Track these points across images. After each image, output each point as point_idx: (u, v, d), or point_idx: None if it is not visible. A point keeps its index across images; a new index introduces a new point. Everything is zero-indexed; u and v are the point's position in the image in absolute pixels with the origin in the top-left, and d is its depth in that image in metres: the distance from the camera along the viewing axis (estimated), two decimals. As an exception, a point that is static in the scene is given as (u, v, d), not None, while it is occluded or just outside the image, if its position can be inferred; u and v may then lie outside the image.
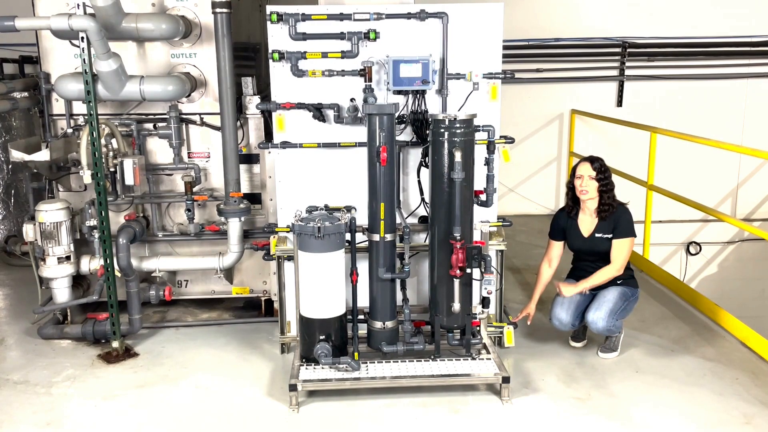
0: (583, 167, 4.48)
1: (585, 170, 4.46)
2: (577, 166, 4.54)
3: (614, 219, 4.48)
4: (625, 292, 4.53)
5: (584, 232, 4.56)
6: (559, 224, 4.71)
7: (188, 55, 4.99)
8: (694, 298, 5.54)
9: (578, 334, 4.77)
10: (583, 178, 4.46)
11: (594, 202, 4.50)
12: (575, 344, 4.74)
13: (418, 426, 3.81)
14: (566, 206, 4.70)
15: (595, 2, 8.46)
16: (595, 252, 4.54)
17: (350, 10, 4.30)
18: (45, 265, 4.81)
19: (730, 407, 3.97)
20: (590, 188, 4.44)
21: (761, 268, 8.71)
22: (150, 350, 4.77)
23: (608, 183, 4.47)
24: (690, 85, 8.56)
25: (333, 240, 4.05)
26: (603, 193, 4.46)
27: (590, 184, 4.44)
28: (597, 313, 4.41)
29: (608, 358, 4.56)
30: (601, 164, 4.48)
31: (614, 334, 4.56)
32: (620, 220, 4.47)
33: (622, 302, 4.49)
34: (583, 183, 4.45)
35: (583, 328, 4.78)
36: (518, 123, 8.23)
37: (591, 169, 4.44)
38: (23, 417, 3.94)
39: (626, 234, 4.47)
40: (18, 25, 4.20)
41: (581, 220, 4.58)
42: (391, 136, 4.11)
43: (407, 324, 4.28)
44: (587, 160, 4.50)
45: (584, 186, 4.44)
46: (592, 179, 4.43)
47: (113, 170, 4.73)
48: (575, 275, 4.68)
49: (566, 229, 4.65)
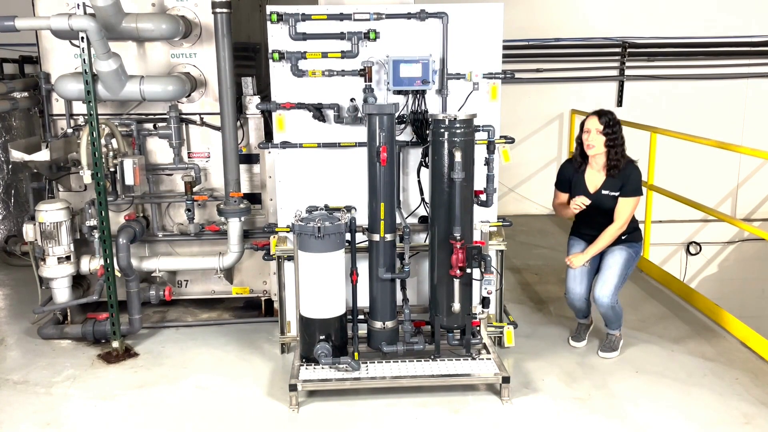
0: (591, 121, 4.34)
1: (593, 124, 4.32)
2: (585, 119, 4.40)
3: (622, 177, 4.34)
4: (629, 257, 4.45)
5: (590, 187, 4.45)
6: (565, 175, 4.59)
7: (188, 55, 4.99)
8: (694, 298, 5.54)
9: (578, 334, 4.77)
10: (590, 132, 4.32)
11: (602, 157, 4.36)
12: (575, 344, 4.74)
13: (418, 426, 3.81)
14: (573, 159, 4.56)
15: (596, 2, 8.46)
16: (600, 209, 4.41)
17: (350, 10, 4.30)
18: (45, 265, 4.81)
19: (730, 407, 3.97)
20: (597, 143, 4.30)
21: (761, 268, 8.71)
22: (150, 350, 4.77)
23: (617, 138, 4.31)
24: (690, 85, 8.56)
25: (333, 240, 4.05)
26: (611, 148, 4.31)
27: (597, 138, 4.30)
28: (603, 290, 4.39)
29: (609, 357, 4.56)
30: (610, 118, 4.31)
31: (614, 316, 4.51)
32: (629, 179, 4.34)
33: (626, 270, 4.45)
34: (590, 137, 4.32)
35: (585, 327, 4.78)
36: (518, 123, 8.23)
37: (599, 122, 4.29)
38: (23, 417, 3.94)
39: (633, 193, 4.35)
40: (18, 25, 4.20)
41: (588, 175, 4.46)
42: (391, 136, 4.11)
43: (407, 324, 4.28)
44: (596, 113, 4.35)
45: (591, 140, 4.31)
46: (600, 133, 4.29)
47: (113, 170, 4.72)
48: (579, 231, 4.61)
49: (572, 182, 4.53)
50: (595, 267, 4.57)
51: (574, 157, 4.57)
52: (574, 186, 4.53)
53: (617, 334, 4.64)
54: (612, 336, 4.63)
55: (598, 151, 4.35)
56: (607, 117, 4.33)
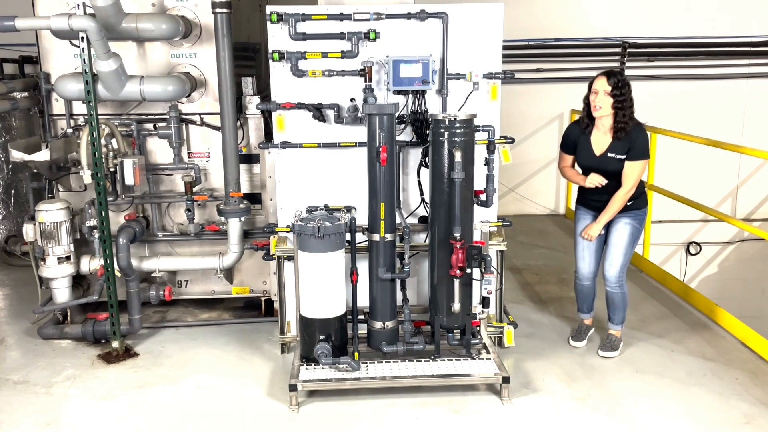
0: (599, 82, 4.23)
1: (600, 85, 4.21)
2: (593, 80, 4.29)
3: (629, 140, 4.24)
4: (633, 231, 4.41)
5: (596, 150, 4.36)
6: (570, 137, 4.51)
7: (188, 55, 4.99)
8: (694, 298, 5.54)
9: (579, 334, 4.77)
10: (597, 93, 4.22)
11: (609, 119, 4.27)
12: (575, 344, 4.74)
13: (418, 426, 3.81)
14: (580, 120, 4.46)
15: (595, 2, 8.46)
16: (606, 171, 4.32)
17: (350, 10, 4.30)
18: (45, 265, 4.81)
19: (730, 407, 3.97)
20: (604, 104, 4.20)
21: (761, 268, 8.71)
22: (150, 350, 4.77)
23: (625, 100, 4.20)
24: (690, 85, 8.56)
25: (333, 240, 4.05)
26: (618, 110, 4.21)
27: (605, 100, 4.20)
28: (611, 269, 4.43)
29: (609, 356, 4.56)
30: (619, 79, 4.20)
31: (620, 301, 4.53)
32: (636, 142, 4.24)
33: (632, 246, 4.44)
34: (597, 98, 4.22)
35: (587, 328, 4.77)
36: (518, 123, 8.23)
37: (607, 83, 4.19)
38: (23, 417, 3.94)
39: (640, 156, 4.26)
40: (18, 25, 4.20)
41: (594, 137, 4.37)
42: (391, 136, 4.11)
43: (407, 324, 4.28)
44: (604, 74, 4.26)
45: (598, 102, 4.21)
46: (607, 95, 4.19)
47: (113, 170, 4.72)
48: (585, 198, 4.55)
49: (577, 145, 4.45)
50: (601, 243, 4.56)
51: (581, 119, 4.46)
52: (580, 148, 4.43)
53: (618, 334, 4.64)
54: (612, 336, 4.63)
55: (604, 113, 4.24)
56: (615, 78, 4.22)
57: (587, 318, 4.83)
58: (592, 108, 4.28)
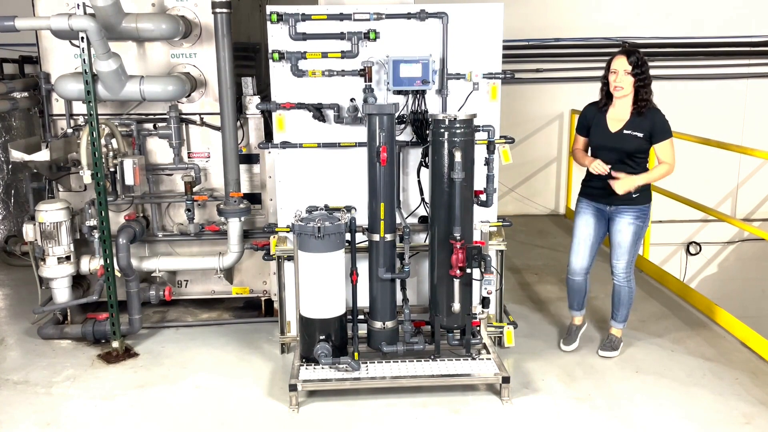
0: (618, 61, 4.16)
1: (620, 64, 4.15)
2: (612, 60, 4.23)
3: (650, 119, 4.20)
4: (637, 230, 4.36)
5: (612, 128, 4.29)
6: (586, 117, 4.45)
7: (188, 55, 4.99)
8: (694, 298, 5.54)
9: (570, 335, 4.73)
10: (617, 72, 4.16)
11: (628, 100, 4.22)
12: (566, 348, 4.67)
13: (418, 426, 3.81)
14: (599, 100, 4.39)
15: (596, 2, 8.46)
16: (621, 150, 4.24)
17: (350, 10, 4.30)
18: (45, 265, 4.81)
19: (730, 407, 3.97)
20: (626, 84, 4.16)
21: (761, 268, 8.71)
22: (150, 350, 4.77)
23: (646, 78, 4.16)
24: (690, 85, 8.56)
25: (333, 240, 4.05)
26: (640, 88, 4.16)
27: (625, 79, 4.15)
28: (618, 264, 4.42)
29: (609, 356, 4.55)
30: (638, 57, 4.16)
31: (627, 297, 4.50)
32: (656, 121, 4.20)
33: (637, 243, 4.40)
34: (618, 78, 4.16)
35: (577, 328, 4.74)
36: (518, 123, 8.24)
37: (627, 62, 4.13)
38: (23, 417, 3.94)
39: (667, 134, 4.23)
40: (18, 25, 4.20)
41: (611, 115, 4.31)
42: (391, 136, 4.11)
43: (407, 324, 4.28)
44: (623, 53, 4.19)
45: (619, 81, 4.15)
46: (628, 74, 4.14)
47: (113, 170, 4.72)
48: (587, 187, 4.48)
49: (592, 124, 4.39)
50: (598, 239, 4.51)
51: (600, 99, 4.40)
52: (595, 127, 4.37)
53: (619, 334, 4.63)
54: (613, 336, 4.62)
55: (626, 93, 4.19)
56: (635, 56, 4.16)
57: (578, 316, 4.77)
58: (613, 89, 4.22)
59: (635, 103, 4.24)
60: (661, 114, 4.27)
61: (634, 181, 4.23)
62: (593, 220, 4.50)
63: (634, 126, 4.24)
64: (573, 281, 4.64)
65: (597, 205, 4.46)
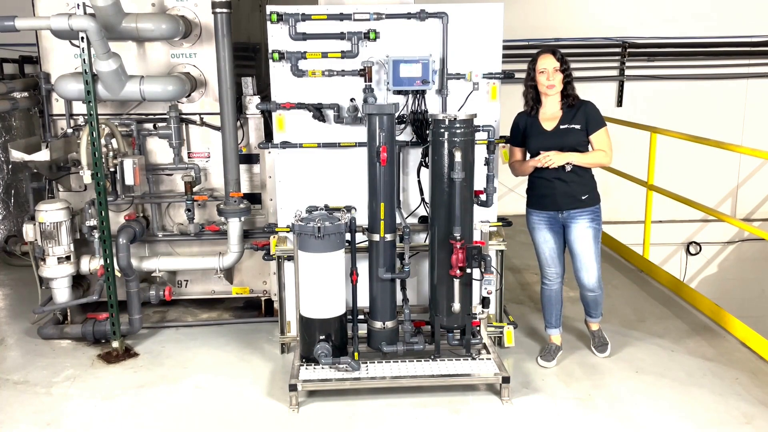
0: (545, 60, 4.19)
1: (549, 63, 4.17)
2: (536, 60, 4.23)
3: (582, 111, 4.21)
4: (595, 233, 4.29)
5: (547, 127, 4.25)
6: (519, 128, 4.36)
7: (188, 55, 4.99)
8: (694, 298, 5.54)
9: (548, 353, 4.52)
10: (545, 71, 4.17)
11: (557, 98, 4.24)
12: (545, 364, 4.46)
13: (418, 426, 3.81)
14: (526, 109, 4.35)
15: (595, 2, 8.46)
16: (563, 147, 4.18)
17: (350, 10, 4.30)
18: (45, 265, 4.81)
19: (730, 407, 3.97)
20: (556, 80, 4.18)
21: (761, 268, 8.71)
22: (150, 350, 4.77)
23: (570, 72, 4.23)
24: (690, 85, 8.57)
25: (333, 240, 4.05)
26: (568, 84, 4.22)
27: (555, 76, 4.18)
28: (588, 275, 4.34)
29: (605, 354, 4.53)
30: (561, 53, 4.24)
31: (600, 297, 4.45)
32: (589, 112, 4.22)
33: (598, 246, 4.34)
34: (549, 77, 4.17)
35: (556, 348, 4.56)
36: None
37: (555, 60, 4.18)
38: (23, 417, 3.94)
39: (601, 123, 4.22)
40: (18, 25, 4.20)
41: (542, 116, 4.28)
42: (391, 136, 4.11)
43: (407, 324, 4.28)
44: (549, 52, 4.22)
45: (551, 80, 4.17)
46: (557, 71, 4.18)
47: (113, 170, 4.72)
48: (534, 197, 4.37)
49: (527, 132, 4.31)
50: (561, 249, 4.44)
51: (526, 106, 4.36)
52: (529, 131, 4.30)
53: (598, 326, 4.62)
54: (597, 332, 4.61)
55: (557, 90, 4.21)
56: (559, 53, 4.22)
57: (555, 335, 4.59)
58: (547, 87, 4.20)
59: (564, 99, 4.25)
60: (592, 104, 4.28)
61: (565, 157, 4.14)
62: (550, 234, 4.40)
63: (569, 120, 4.22)
64: (551, 290, 4.51)
65: (548, 215, 4.36)
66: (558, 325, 4.63)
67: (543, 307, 4.63)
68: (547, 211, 4.35)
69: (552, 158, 4.13)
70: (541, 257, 4.49)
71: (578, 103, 4.26)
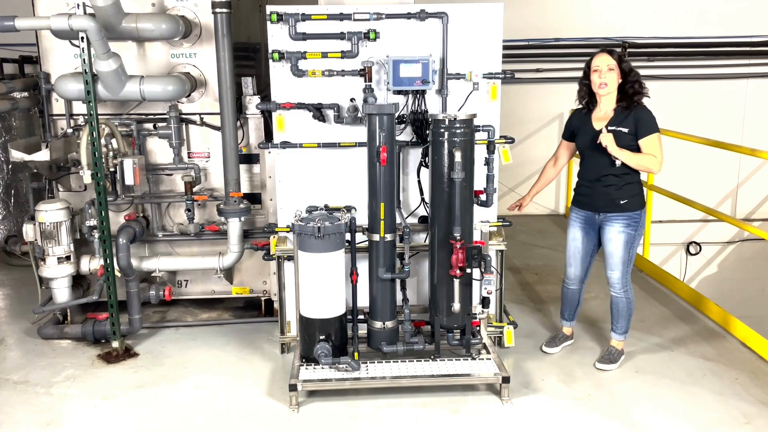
0: (600, 58, 4.14)
1: (603, 61, 4.11)
2: (592, 58, 4.20)
3: (634, 115, 4.11)
4: (628, 239, 4.23)
5: (596, 126, 4.22)
6: (572, 123, 4.44)
7: (188, 55, 4.99)
8: (694, 298, 5.54)
9: (554, 341, 4.67)
10: (600, 70, 4.12)
11: (612, 97, 4.17)
12: (549, 350, 4.61)
13: (418, 426, 3.81)
14: (582, 107, 4.36)
15: (596, 2, 8.46)
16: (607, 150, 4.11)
17: (350, 10, 4.30)
18: (45, 265, 4.81)
19: (730, 407, 3.97)
20: (610, 80, 4.11)
21: (761, 268, 8.71)
22: (150, 350, 4.77)
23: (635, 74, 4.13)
24: (690, 85, 8.56)
25: (333, 240, 4.05)
26: (628, 85, 4.12)
27: (609, 75, 4.11)
28: (614, 274, 4.32)
29: (606, 369, 4.41)
30: (620, 54, 4.16)
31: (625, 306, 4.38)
32: (641, 116, 4.11)
33: (630, 251, 4.27)
34: (601, 75, 4.11)
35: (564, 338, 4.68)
36: (518, 123, 8.23)
37: (610, 59, 4.11)
38: (23, 417, 3.94)
39: (653, 129, 4.10)
40: (18, 25, 4.20)
41: (595, 116, 4.26)
42: (391, 136, 4.11)
43: (407, 324, 4.28)
44: (605, 51, 4.16)
45: (603, 78, 4.10)
46: (612, 70, 4.10)
47: (113, 170, 4.72)
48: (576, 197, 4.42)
49: (577, 128, 4.35)
50: (590, 250, 4.47)
51: (579, 103, 4.38)
52: (581, 129, 4.32)
53: (619, 346, 4.49)
54: (613, 349, 4.49)
55: (610, 90, 4.13)
56: (616, 53, 4.15)
57: (567, 327, 4.74)
58: (597, 87, 4.16)
59: (622, 101, 4.18)
60: (647, 110, 4.19)
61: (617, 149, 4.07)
62: (581, 234, 4.44)
63: (618, 122, 4.16)
64: (568, 290, 4.63)
65: (585, 214, 4.39)
66: (570, 319, 4.74)
67: (561, 301, 4.75)
68: (585, 210, 4.41)
69: (605, 137, 4.08)
70: (566, 254, 4.57)
71: (634, 107, 4.17)
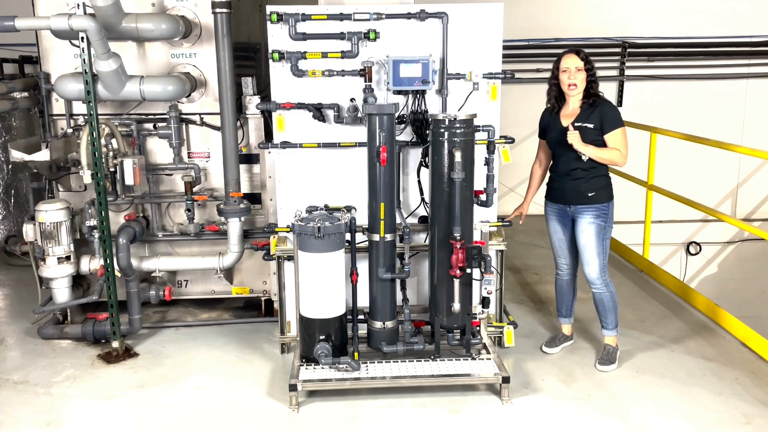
0: (569, 60, 4.23)
1: (572, 62, 4.21)
2: (560, 59, 4.27)
3: (599, 110, 4.23)
4: (599, 230, 4.29)
5: (564, 123, 4.32)
6: (543, 122, 4.55)
7: (188, 55, 4.99)
8: (694, 298, 5.54)
9: (554, 341, 4.70)
10: (568, 71, 4.21)
11: (579, 96, 4.28)
12: (548, 350, 4.64)
13: (418, 426, 3.81)
14: (551, 107, 4.46)
15: (595, 2, 8.46)
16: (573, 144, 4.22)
17: (350, 10, 4.30)
18: (45, 265, 4.81)
19: (730, 407, 3.97)
20: (579, 80, 4.22)
21: (761, 268, 8.71)
22: (150, 350, 4.77)
23: (594, 72, 4.28)
24: (690, 85, 8.56)
25: (333, 240, 4.05)
26: (592, 83, 4.26)
27: (578, 75, 4.21)
28: (590, 269, 4.35)
29: (607, 370, 4.41)
30: (586, 54, 4.27)
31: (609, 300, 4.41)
32: (606, 112, 4.23)
33: (602, 242, 4.32)
34: (571, 75, 4.21)
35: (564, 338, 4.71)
36: (518, 123, 8.21)
37: (578, 59, 4.21)
38: (23, 417, 3.94)
39: (618, 124, 4.22)
40: (18, 25, 4.20)
41: (563, 114, 4.37)
42: (391, 136, 4.11)
43: (407, 324, 4.28)
44: (572, 51, 4.26)
45: (573, 79, 4.21)
46: (580, 71, 4.21)
47: (113, 170, 4.72)
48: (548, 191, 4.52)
49: (547, 125, 4.46)
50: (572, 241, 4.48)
51: (548, 103, 4.47)
52: (550, 129, 4.43)
53: (613, 342, 4.50)
54: (609, 347, 4.50)
55: (579, 90, 4.25)
56: (583, 53, 4.26)
57: (566, 324, 4.75)
58: (569, 87, 4.24)
59: (586, 98, 4.28)
60: (611, 105, 4.31)
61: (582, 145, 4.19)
62: (559, 226, 4.53)
63: (584, 118, 4.26)
64: (561, 280, 4.66)
65: (558, 207, 4.48)
66: (568, 315, 4.74)
67: (556, 296, 4.76)
68: (557, 203, 4.49)
69: (571, 135, 4.21)
70: (552, 247, 4.63)
71: (598, 103, 4.27)
